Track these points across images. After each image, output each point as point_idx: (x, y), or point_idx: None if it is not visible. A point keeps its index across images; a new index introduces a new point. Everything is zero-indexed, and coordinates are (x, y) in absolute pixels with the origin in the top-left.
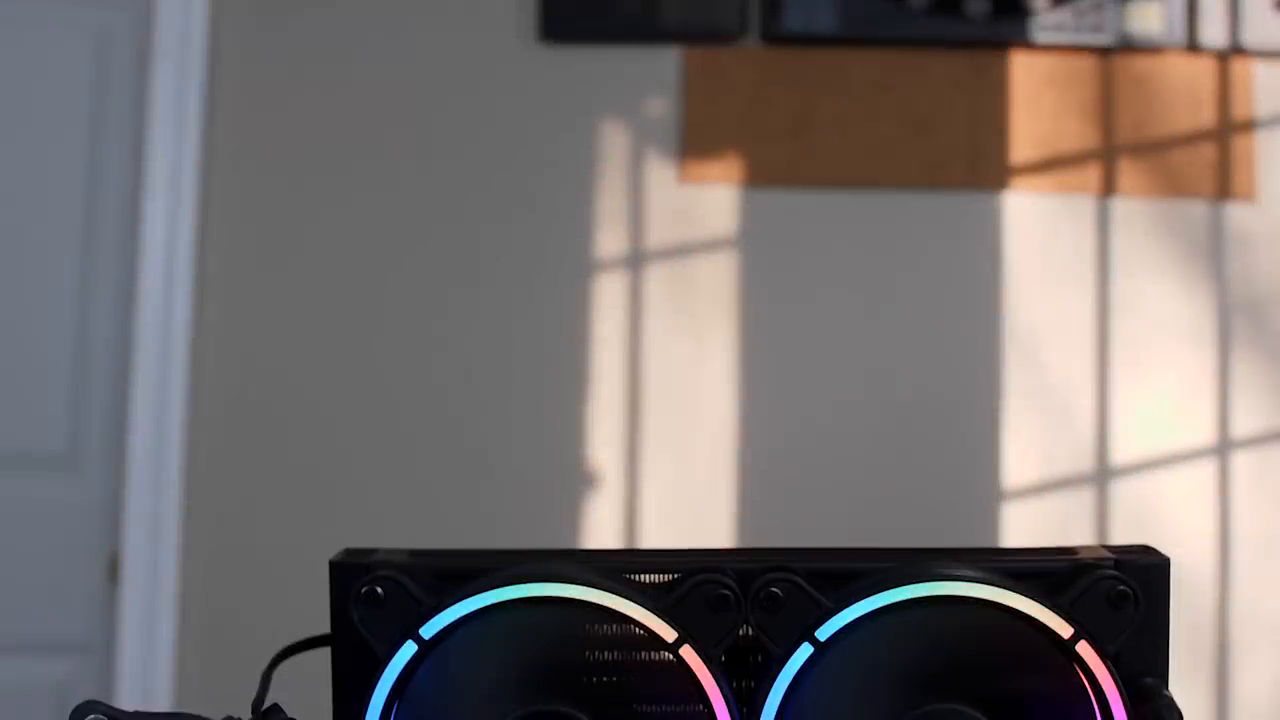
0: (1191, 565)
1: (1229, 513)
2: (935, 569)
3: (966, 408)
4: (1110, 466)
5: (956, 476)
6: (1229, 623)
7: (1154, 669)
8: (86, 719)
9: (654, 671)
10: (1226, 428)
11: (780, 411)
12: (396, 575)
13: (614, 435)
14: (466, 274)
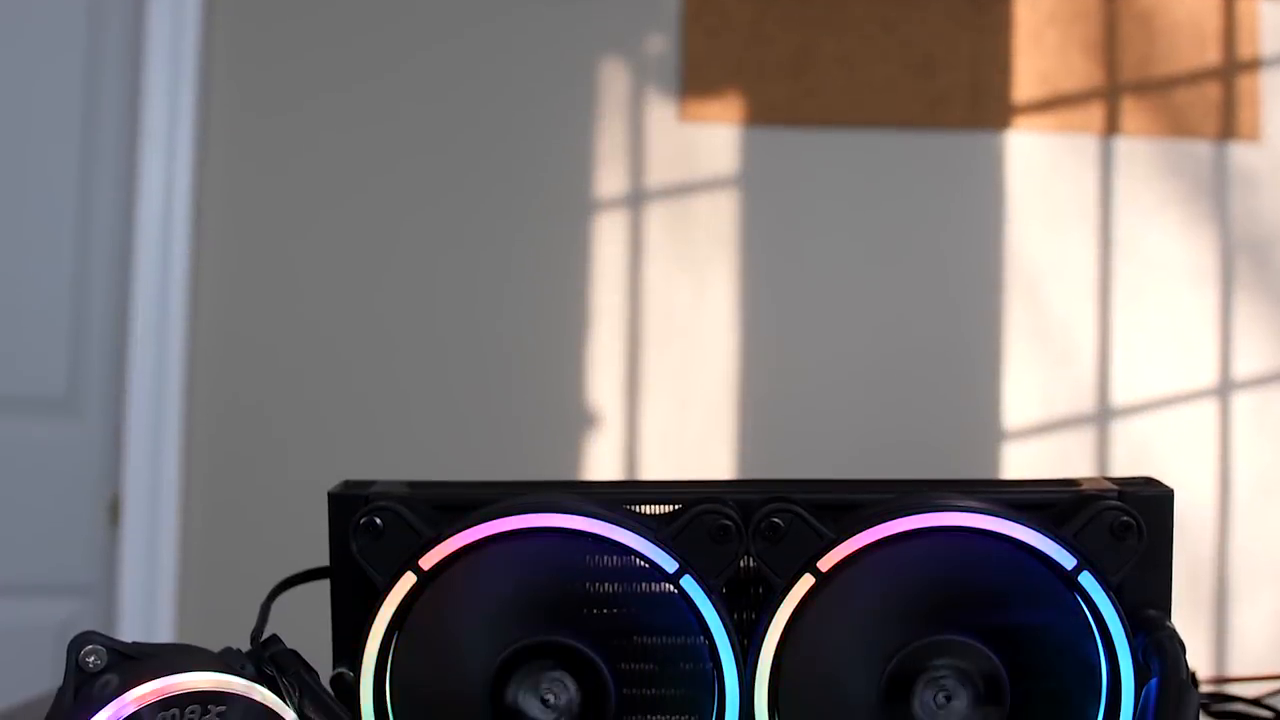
0: (1191, 506)
1: (1229, 453)
2: (937, 500)
3: (967, 347)
4: (1111, 407)
5: (957, 416)
6: (1228, 563)
7: (1156, 600)
8: (84, 650)
9: (654, 603)
10: (1228, 368)
11: (780, 351)
12: (395, 506)
13: (614, 374)
14: (466, 213)
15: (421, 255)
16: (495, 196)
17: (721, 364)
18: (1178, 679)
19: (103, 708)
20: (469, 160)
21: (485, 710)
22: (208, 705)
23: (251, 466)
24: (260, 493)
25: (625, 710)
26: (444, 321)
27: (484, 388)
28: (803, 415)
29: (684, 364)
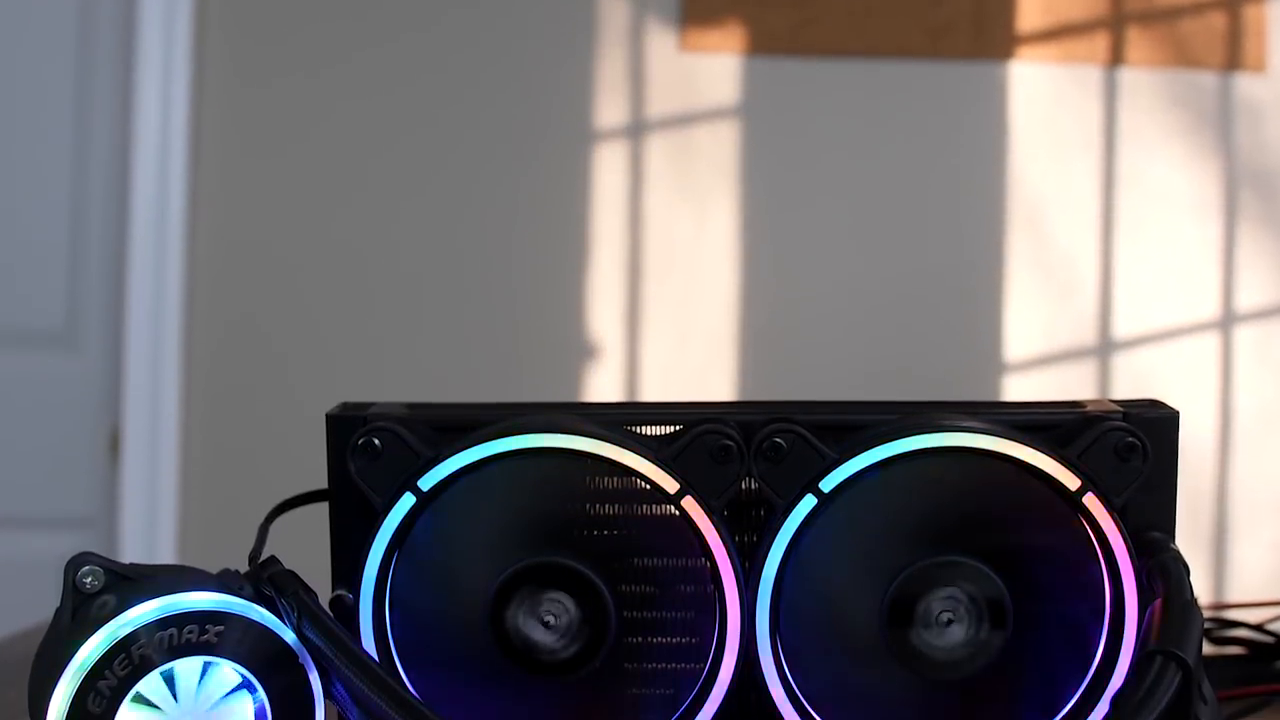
0: (1192, 439)
1: (1230, 386)
2: (941, 420)
3: (969, 279)
4: (1113, 339)
5: (958, 348)
6: (1228, 496)
7: (1160, 523)
8: (81, 570)
9: (655, 525)
10: (1230, 301)
11: (782, 282)
12: (394, 427)
13: (614, 305)
14: (467, 141)
15: (422, 184)
16: (496, 125)
17: (722, 295)
18: (1182, 599)
19: (100, 628)
20: (469, 88)
21: (485, 632)
22: (205, 625)
23: (252, 397)
24: (261, 424)
25: (626, 632)
26: (444, 251)
27: (484, 319)
28: (804, 347)
29: (684, 295)
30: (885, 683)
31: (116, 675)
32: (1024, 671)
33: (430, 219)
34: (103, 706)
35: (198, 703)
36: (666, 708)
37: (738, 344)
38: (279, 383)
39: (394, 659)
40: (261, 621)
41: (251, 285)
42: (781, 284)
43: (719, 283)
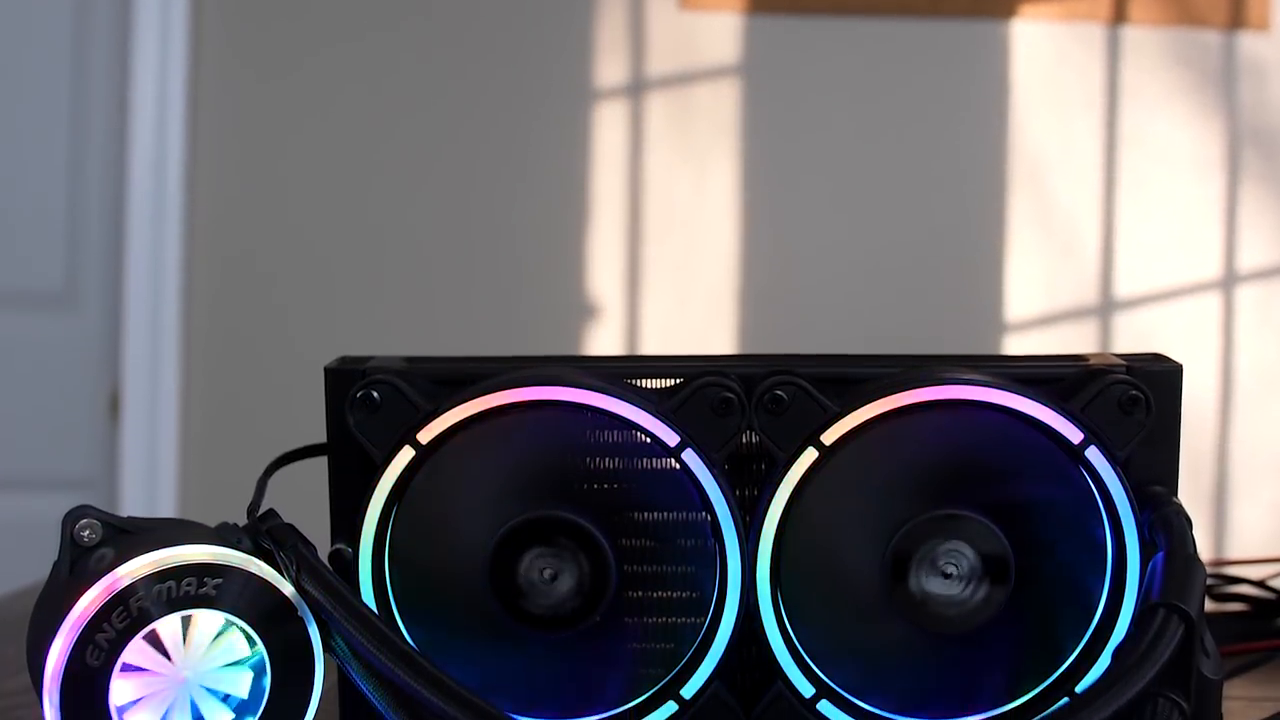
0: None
1: (1231, 346)
2: (943, 373)
3: (970, 239)
4: (1114, 298)
5: (959, 308)
6: (1228, 456)
7: (1163, 477)
8: (79, 523)
9: (656, 479)
10: (1232, 261)
11: (782, 241)
12: (393, 379)
13: (614, 265)
14: (466, 101)
15: (421, 143)
16: (496, 84)
17: (722, 254)
18: (1184, 553)
19: (98, 580)
20: (471, 49)
21: (484, 586)
22: (204, 578)
23: (251, 356)
24: (261, 384)
25: (626, 586)
26: (443, 210)
27: (484, 279)
28: (804, 306)
29: (685, 255)
30: (886, 637)
31: (115, 628)
32: (1025, 625)
33: (429, 179)
34: (101, 659)
35: (196, 656)
36: (666, 662)
37: (738, 303)
38: (279, 341)
39: (393, 613)
40: (260, 574)
41: (251, 244)
42: (782, 243)
43: (719, 242)
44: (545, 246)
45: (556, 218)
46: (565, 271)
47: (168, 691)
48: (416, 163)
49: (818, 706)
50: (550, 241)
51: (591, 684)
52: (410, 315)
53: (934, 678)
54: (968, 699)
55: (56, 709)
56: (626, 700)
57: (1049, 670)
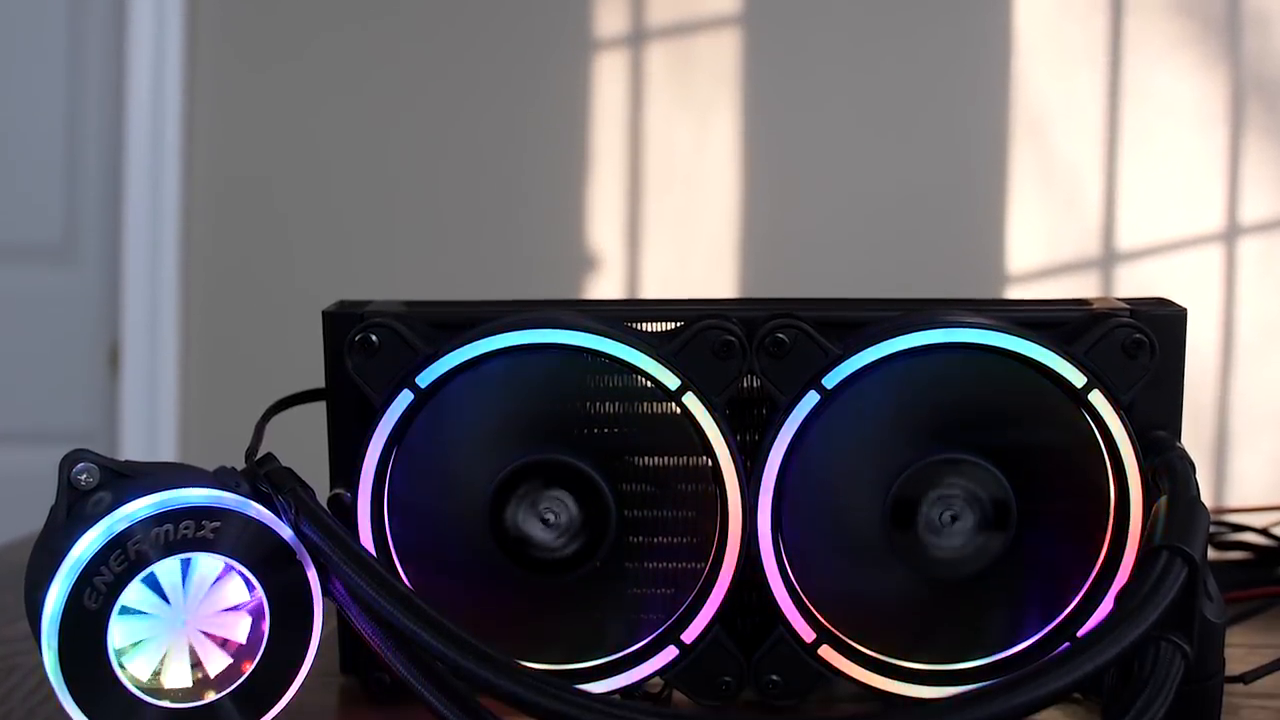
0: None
1: (1233, 299)
2: (946, 316)
3: (971, 191)
4: (1116, 250)
5: (961, 259)
6: (1229, 407)
7: (1166, 422)
8: (76, 467)
9: (656, 423)
10: (1235, 213)
11: (783, 193)
12: (391, 323)
13: (614, 216)
14: (466, 51)
15: (421, 91)
16: (495, 32)
17: (723, 205)
18: (1187, 496)
19: (95, 523)
20: None
21: (484, 530)
22: (201, 521)
23: (251, 309)
24: (261, 337)
25: (626, 532)
26: (442, 162)
27: (483, 231)
28: (805, 259)
29: (686, 206)
30: (888, 581)
31: (112, 571)
32: (1027, 570)
33: (429, 128)
34: (99, 603)
35: (195, 599)
36: (667, 607)
37: (739, 255)
38: (279, 294)
39: (392, 558)
40: (258, 518)
41: (250, 194)
42: (783, 195)
43: (720, 193)
44: (545, 198)
45: (556, 169)
46: (565, 223)
47: (165, 635)
48: (416, 113)
49: (819, 651)
50: (550, 193)
51: (591, 629)
52: (409, 269)
53: (935, 623)
54: (969, 644)
55: (54, 652)
56: (626, 645)
57: (1051, 615)
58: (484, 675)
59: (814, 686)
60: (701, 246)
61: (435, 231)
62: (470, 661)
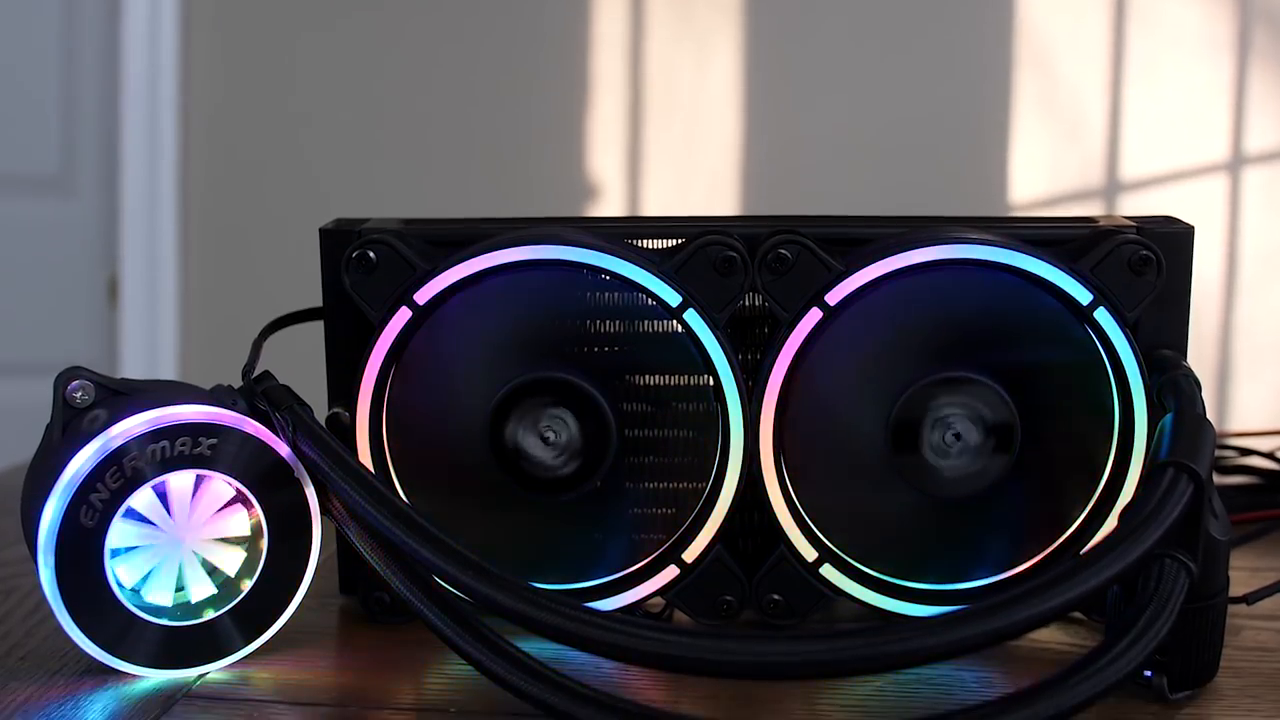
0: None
1: (1237, 228)
2: (950, 232)
3: (974, 120)
4: (1120, 181)
5: (964, 189)
6: (1232, 337)
7: (1172, 341)
8: (71, 385)
9: (657, 341)
10: (1240, 143)
11: (784, 123)
12: (389, 239)
13: (615, 147)
14: None
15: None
16: None
17: (724, 138)
18: (1194, 413)
19: (90, 441)
20: None
21: (484, 449)
22: (198, 438)
23: (251, 240)
24: (261, 267)
25: (626, 451)
26: (442, 91)
27: (482, 161)
28: (807, 190)
29: (686, 138)
30: (890, 501)
31: (108, 488)
32: (1031, 489)
33: (430, 55)
34: (95, 519)
35: (192, 517)
36: (668, 526)
37: (740, 186)
38: (279, 223)
39: (391, 477)
40: (256, 435)
41: (248, 122)
42: (784, 125)
43: (722, 122)
44: (545, 129)
45: (557, 97)
46: (565, 155)
47: (163, 552)
48: (416, 39)
49: (820, 571)
50: (550, 122)
51: (592, 548)
52: (407, 197)
53: (938, 542)
54: (972, 564)
55: (51, 570)
56: (628, 565)
57: (1054, 535)
58: (484, 590)
59: (815, 606)
60: (702, 175)
61: (434, 160)
62: (470, 577)
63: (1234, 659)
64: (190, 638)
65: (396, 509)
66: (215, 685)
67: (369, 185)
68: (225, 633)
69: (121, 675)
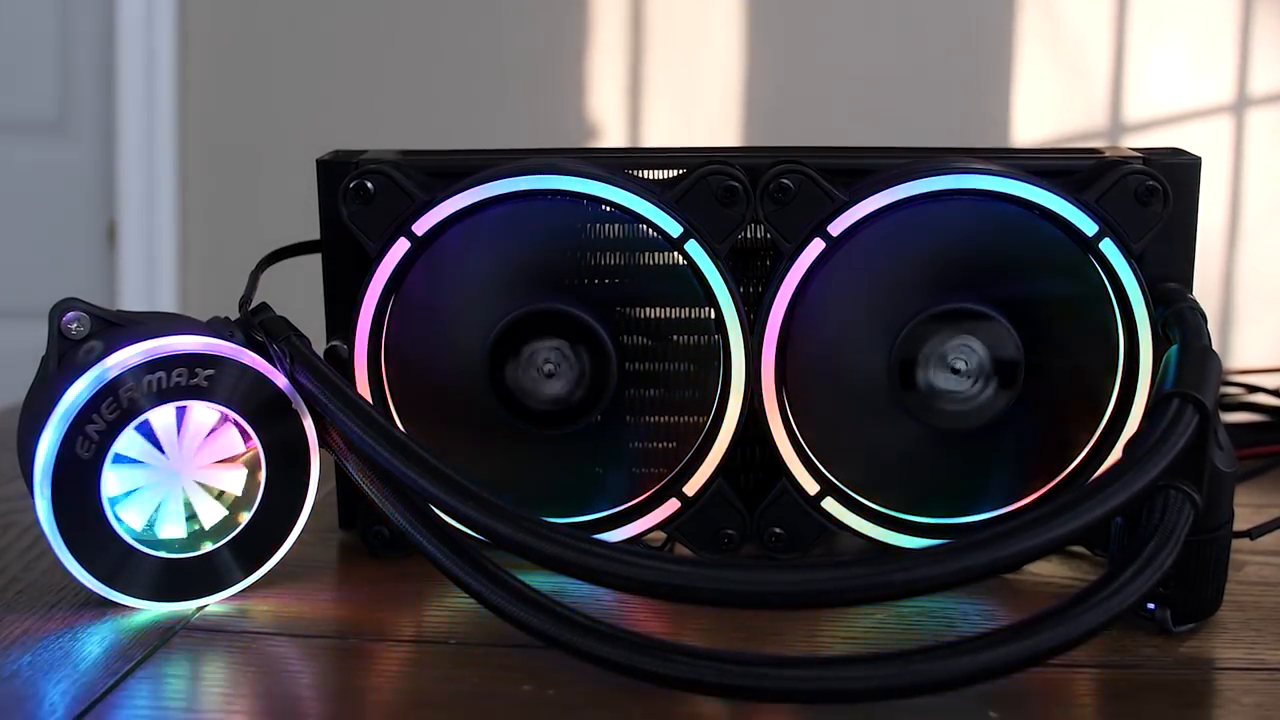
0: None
1: (1241, 171)
2: (955, 163)
3: (977, 60)
4: (1123, 122)
5: (966, 130)
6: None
7: (1178, 274)
8: (67, 316)
9: (658, 274)
10: (1245, 84)
11: (787, 61)
12: (387, 169)
13: (615, 83)
14: None
15: None
16: None
17: (726, 71)
18: (1199, 344)
19: (86, 372)
20: None
21: (482, 382)
22: (195, 369)
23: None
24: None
25: (627, 384)
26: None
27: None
28: (809, 126)
29: (687, 70)
30: (893, 434)
31: (104, 419)
32: (1035, 422)
33: None
34: (91, 451)
35: (189, 448)
36: (668, 460)
37: (742, 122)
38: (278, 167)
39: (390, 409)
40: (253, 366)
41: (246, 61)
42: (787, 63)
43: (724, 58)
44: (544, 63)
45: (554, 32)
46: (564, 88)
47: (160, 484)
48: None
49: (822, 504)
50: (549, 59)
51: (592, 483)
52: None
53: (941, 476)
54: (975, 497)
55: (48, 501)
56: (628, 499)
57: (1059, 468)
58: (484, 520)
59: (817, 540)
60: (704, 110)
61: (433, 94)
62: (470, 507)
63: (1237, 593)
64: (189, 570)
65: (395, 439)
66: (214, 618)
67: (367, 127)
68: (224, 565)
69: (120, 608)
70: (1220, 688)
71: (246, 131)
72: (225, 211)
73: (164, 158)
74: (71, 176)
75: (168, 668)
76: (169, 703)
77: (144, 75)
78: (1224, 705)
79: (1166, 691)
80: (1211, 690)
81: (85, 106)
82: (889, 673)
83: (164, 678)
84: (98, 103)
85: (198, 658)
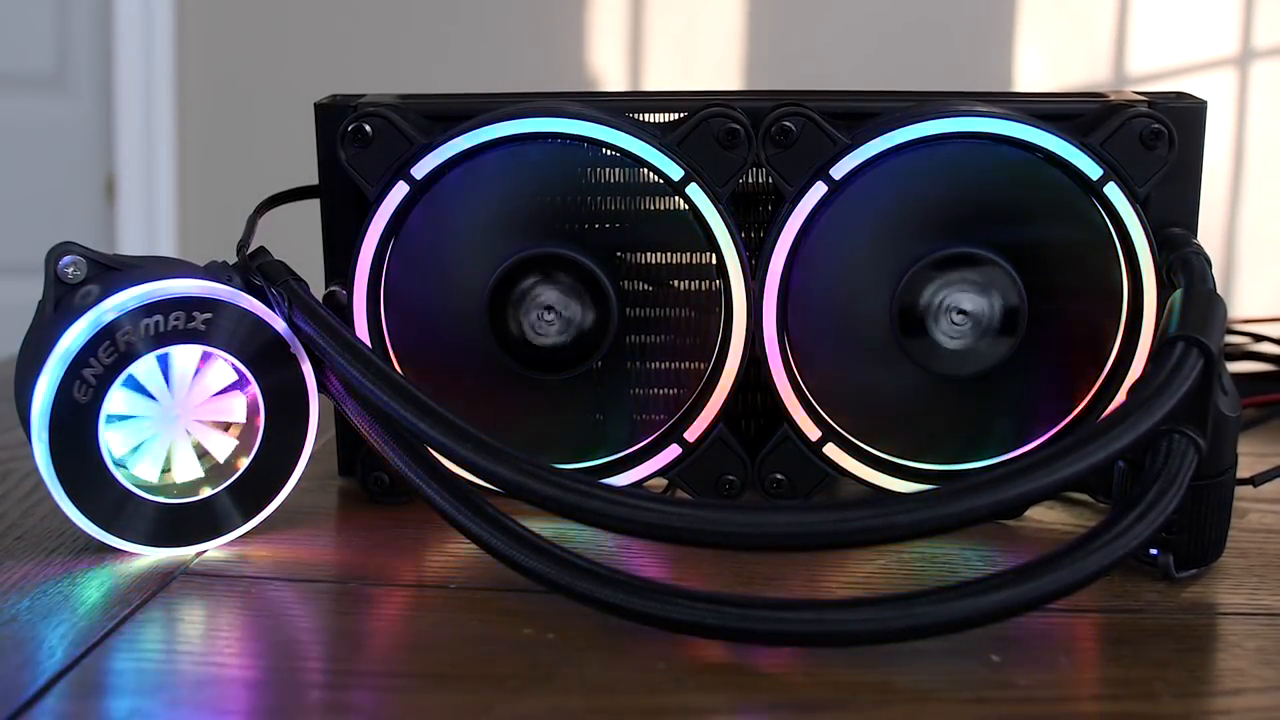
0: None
1: (1244, 124)
2: (958, 106)
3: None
4: (1126, 75)
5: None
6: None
7: (1182, 219)
8: (63, 260)
9: (659, 218)
10: (1249, 38)
11: (788, 13)
12: (385, 112)
13: (615, 34)
14: None
15: None
16: None
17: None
18: (1204, 288)
19: (83, 315)
20: None
21: (482, 326)
22: (192, 313)
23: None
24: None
25: (627, 330)
26: None
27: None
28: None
29: (689, 24)
30: (895, 380)
31: (102, 363)
32: (1038, 367)
33: None
34: (89, 395)
35: (187, 393)
36: (669, 407)
37: (744, 75)
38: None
39: (389, 354)
40: (251, 310)
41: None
42: (789, 11)
43: (724, 6)
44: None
45: None
46: (563, 40)
47: (158, 429)
48: None
49: (824, 450)
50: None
51: (593, 429)
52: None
53: (943, 422)
54: (978, 443)
55: (45, 445)
56: (629, 445)
57: (1062, 414)
58: (483, 463)
59: (819, 486)
60: (705, 65)
61: (432, 40)
62: (470, 450)
63: (1240, 540)
64: (188, 515)
65: (394, 383)
66: (213, 563)
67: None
68: (223, 510)
69: (119, 553)
70: (1222, 632)
71: (245, 80)
72: (224, 164)
73: (162, 112)
74: (70, 131)
75: (166, 612)
76: (168, 646)
77: (141, 30)
78: (1226, 650)
79: (1169, 636)
80: (1214, 635)
81: (83, 61)
82: (891, 615)
83: (163, 622)
84: (95, 57)
85: (196, 602)
